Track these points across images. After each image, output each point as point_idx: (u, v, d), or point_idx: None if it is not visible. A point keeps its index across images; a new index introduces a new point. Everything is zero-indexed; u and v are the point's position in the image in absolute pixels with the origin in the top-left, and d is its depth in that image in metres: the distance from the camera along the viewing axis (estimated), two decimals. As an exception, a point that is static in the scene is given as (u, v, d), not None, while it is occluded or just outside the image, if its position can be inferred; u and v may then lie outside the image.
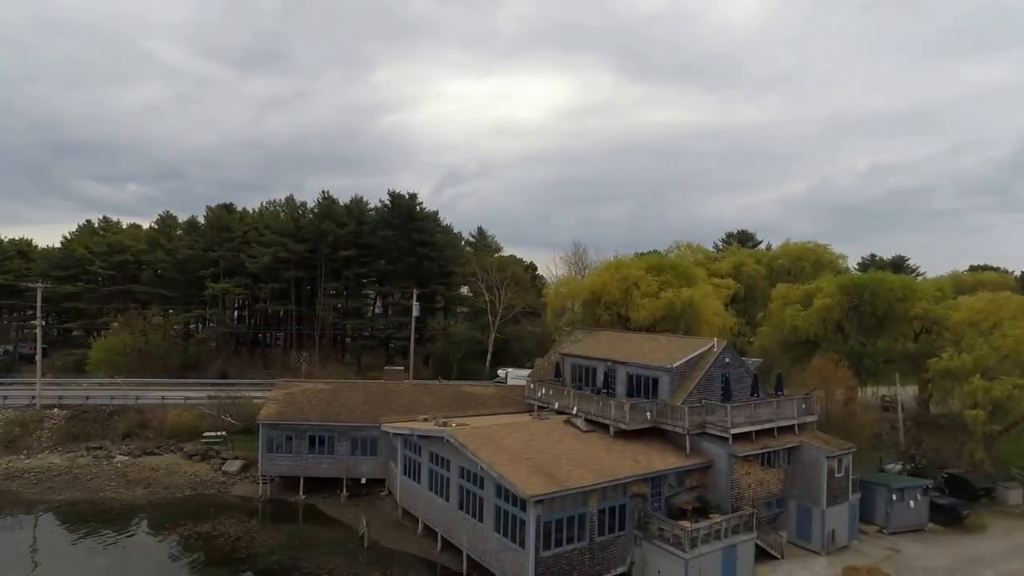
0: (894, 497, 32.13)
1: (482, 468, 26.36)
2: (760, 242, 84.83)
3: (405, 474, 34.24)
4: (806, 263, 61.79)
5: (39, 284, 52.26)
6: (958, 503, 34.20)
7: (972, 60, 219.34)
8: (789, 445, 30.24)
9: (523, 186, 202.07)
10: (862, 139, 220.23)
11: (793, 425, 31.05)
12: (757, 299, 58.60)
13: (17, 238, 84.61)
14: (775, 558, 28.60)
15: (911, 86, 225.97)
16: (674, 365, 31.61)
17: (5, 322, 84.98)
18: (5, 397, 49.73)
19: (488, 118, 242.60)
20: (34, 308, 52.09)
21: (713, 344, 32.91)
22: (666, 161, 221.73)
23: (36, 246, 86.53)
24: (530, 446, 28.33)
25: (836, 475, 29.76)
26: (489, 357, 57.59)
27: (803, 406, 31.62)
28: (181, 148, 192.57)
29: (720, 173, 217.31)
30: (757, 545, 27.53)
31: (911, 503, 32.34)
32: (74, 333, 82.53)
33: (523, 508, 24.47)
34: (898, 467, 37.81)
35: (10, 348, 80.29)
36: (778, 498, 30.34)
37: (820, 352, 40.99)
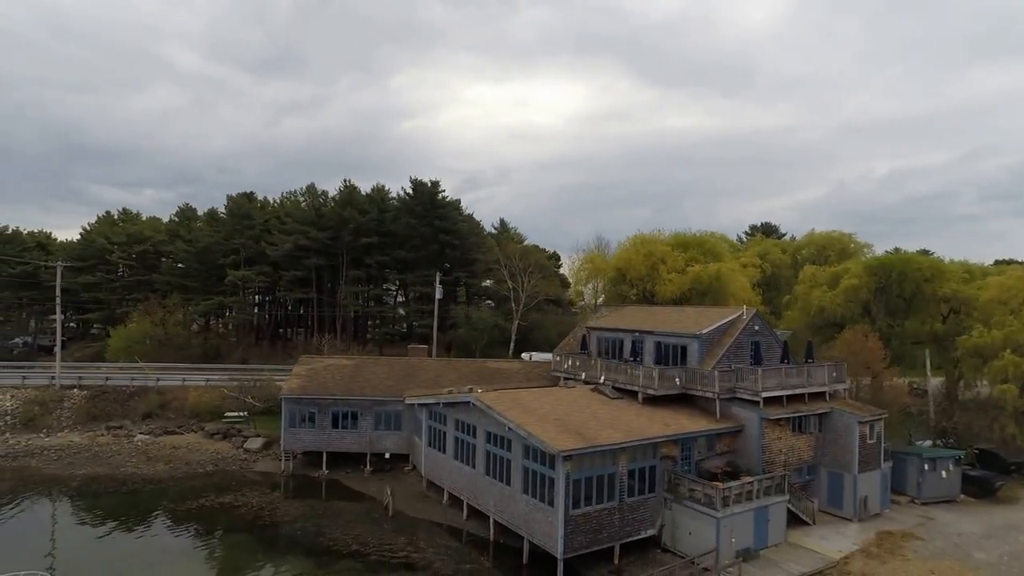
0: (926, 467, 31.60)
1: (509, 428, 26.13)
2: (784, 234, 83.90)
3: (430, 445, 34.05)
4: (831, 252, 60.98)
5: (58, 264, 52.67)
6: (991, 475, 33.58)
7: (990, 65, 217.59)
8: (820, 411, 29.84)
9: (541, 191, 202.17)
10: (879, 145, 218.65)
11: (824, 392, 30.65)
12: (782, 288, 58.11)
13: (36, 230, 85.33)
14: (806, 524, 28.13)
15: (928, 91, 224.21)
16: (703, 332, 31.29)
17: (24, 315, 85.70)
18: (24, 377, 50.08)
19: (505, 123, 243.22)
20: (53, 300, 52.49)
21: (742, 312, 32.58)
22: (683, 167, 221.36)
23: (55, 239, 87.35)
24: (558, 409, 28.09)
25: (868, 441, 29.29)
26: (512, 345, 57.16)
27: (834, 374, 31.20)
28: (197, 153, 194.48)
29: (736, 178, 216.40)
30: (789, 511, 27.11)
31: (943, 473, 31.77)
32: (93, 330, 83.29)
33: (552, 466, 24.21)
34: (928, 444, 37.24)
35: (29, 339, 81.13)
36: (809, 465, 29.90)
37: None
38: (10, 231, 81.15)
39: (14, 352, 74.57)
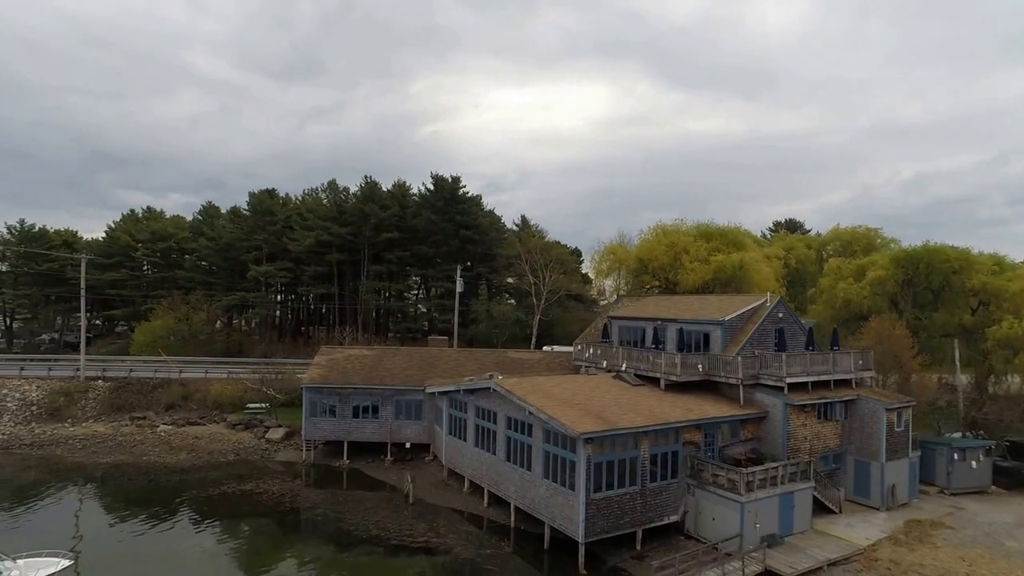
0: (955, 456, 30.91)
1: (530, 412, 25.98)
2: (809, 230, 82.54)
3: (451, 433, 34.02)
4: (857, 247, 59.79)
5: (83, 256, 53.58)
6: (1023, 466, 32.72)
7: (1019, 66, 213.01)
8: (846, 398, 29.29)
9: (562, 196, 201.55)
10: (905, 148, 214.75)
11: (850, 380, 30.10)
12: (806, 283, 57.26)
13: (62, 228, 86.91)
14: (833, 512, 27.62)
15: (955, 93, 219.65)
16: (726, 319, 30.88)
17: (51, 312, 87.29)
18: (50, 369, 50.97)
19: (527, 128, 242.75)
20: (78, 297, 53.37)
21: (766, 299, 32.12)
22: (706, 171, 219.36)
23: (81, 237, 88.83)
24: (579, 395, 27.90)
25: (896, 428, 28.69)
26: (533, 340, 56.96)
27: (860, 361, 30.63)
28: (221, 159, 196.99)
29: (759, 182, 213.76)
30: (815, 499, 26.62)
31: (973, 463, 31.03)
32: (117, 329, 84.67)
33: (573, 449, 24.03)
34: (958, 436, 36.36)
35: (56, 335, 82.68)
36: (835, 453, 29.36)
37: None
38: (37, 229, 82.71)
39: (41, 348, 76.11)
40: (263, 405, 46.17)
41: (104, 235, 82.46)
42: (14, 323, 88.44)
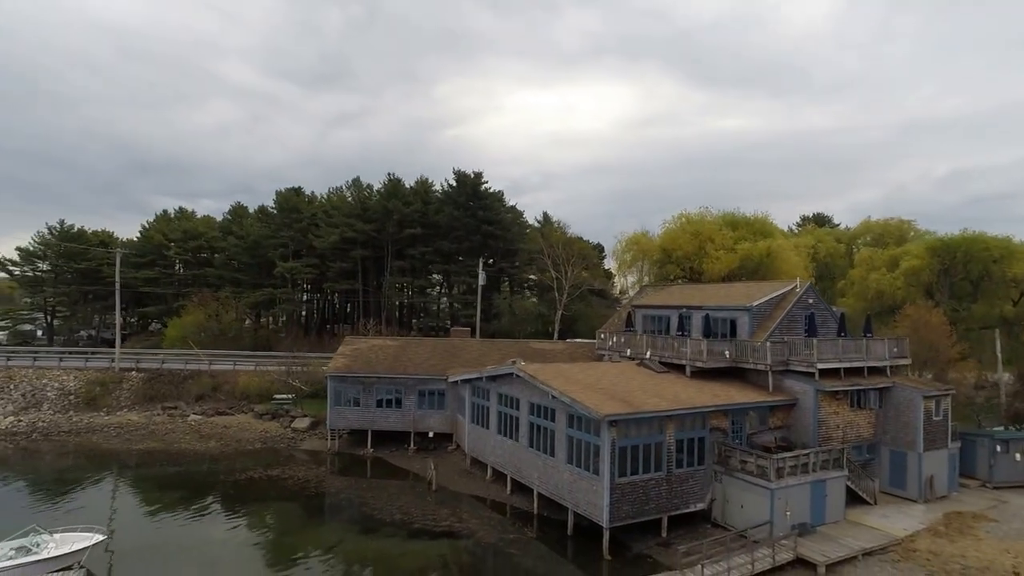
0: (998, 448, 29.63)
1: (553, 396, 25.65)
2: (838, 224, 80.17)
3: (473, 421, 33.84)
4: (890, 239, 57.78)
5: (118, 251, 54.84)
6: (1072, 460, 31.22)
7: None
8: (881, 385, 28.30)
9: (585, 196, 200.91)
10: (939, 144, 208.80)
11: (885, 368, 29.09)
12: (836, 277, 55.62)
13: (99, 229, 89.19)
14: (867, 504, 26.69)
15: (993, 87, 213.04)
16: (753, 304, 30.16)
17: (88, 309, 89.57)
18: (87, 360, 52.31)
19: (549, 129, 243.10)
20: (114, 294, 54.65)
21: (796, 284, 31.29)
22: (733, 169, 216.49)
23: (117, 238, 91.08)
24: (602, 380, 27.49)
25: (934, 417, 27.63)
26: (556, 335, 56.59)
27: (895, 349, 29.59)
28: (250, 165, 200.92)
29: (788, 180, 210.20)
30: (848, 489, 25.75)
31: (1017, 456, 29.72)
32: (151, 328, 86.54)
33: (597, 433, 23.64)
34: (1000, 429, 34.90)
35: (93, 332, 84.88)
36: (869, 443, 28.39)
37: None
38: (76, 230, 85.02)
39: (79, 344, 78.08)
40: (289, 396, 46.64)
41: (138, 235, 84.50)
42: (54, 321, 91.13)
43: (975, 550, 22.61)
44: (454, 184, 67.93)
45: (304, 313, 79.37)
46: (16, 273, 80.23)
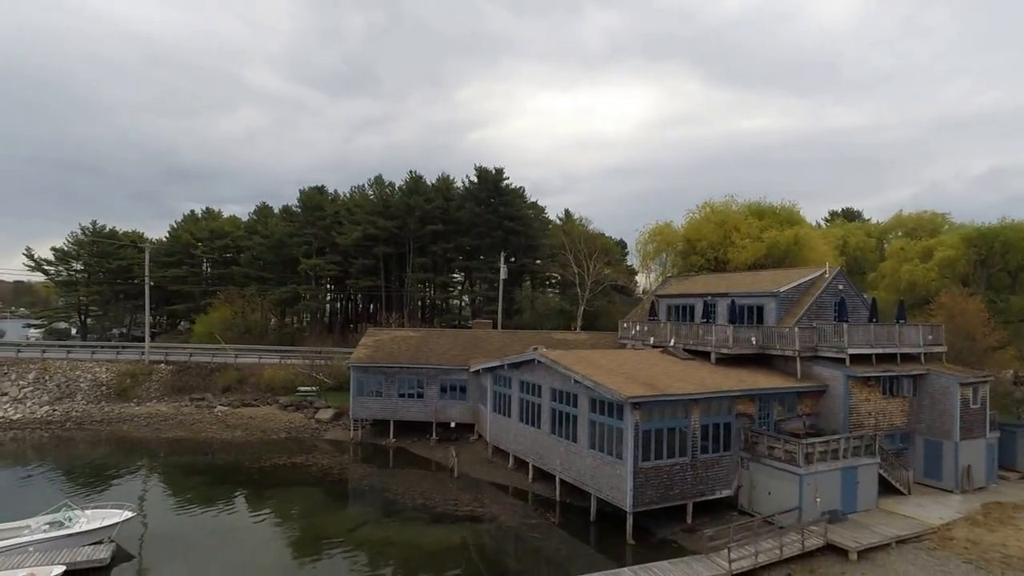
0: (1040, 440, 28.56)
1: (576, 381, 25.38)
2: (868, 219, 77.93)
3: (495, 410, 33.68)
4: (923, 233, 56.02)
5: (147, 246, 55.91)
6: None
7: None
8: (915, 372, 27.46)
9: (608, 198, 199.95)
10: (976, 141, 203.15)
11: (919, 355, 28.24)
12: (866, 271, 54.15)
13: (130, 230, 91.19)
14: (901, 494, 25.88)
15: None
16: (781, 290, 29.53)
17: (120, 308, 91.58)
18: (118, 352, 53.45)
19: (572, 131, 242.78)
20: (144, 294, 55.79)
21: (825, 269, 30.56)
22: (758, 169, 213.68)
23: (147, 238, 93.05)
24: (625, 366, 27.13)
25: (971, 406, 26.72)
26: (578, 331, 56.11)
27: (930, 336, 28.71)
28: (276, 171, 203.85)
29: (814, 180, 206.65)
30: (881, 478, 24.98)
31: (1061, 448, 28.62)
32: (179, 327, 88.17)
33: (620, 416, 23.31)
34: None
35: (124, 330, 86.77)
36: (902, 432, 27.55)
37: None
38: (107, 230, 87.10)
39: (111, 341, 79.86)
40: (313, 388, 47.02)
41: (167, 235, 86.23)
42: (88, 319, 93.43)
43: (1016, 540, 21.74)
44: (475, 180, 67.94)
45: (328, 312, 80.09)
46: (51, 273, 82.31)
